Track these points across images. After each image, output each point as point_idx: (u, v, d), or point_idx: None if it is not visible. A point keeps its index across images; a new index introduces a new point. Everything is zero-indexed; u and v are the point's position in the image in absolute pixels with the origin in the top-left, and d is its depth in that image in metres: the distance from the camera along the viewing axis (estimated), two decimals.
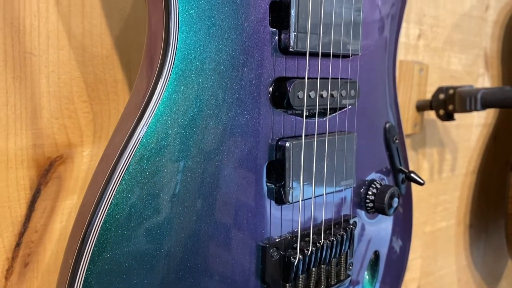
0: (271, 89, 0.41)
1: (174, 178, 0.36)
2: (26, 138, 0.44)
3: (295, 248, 0.43)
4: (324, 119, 0.45)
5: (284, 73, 0.41)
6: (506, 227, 0.99)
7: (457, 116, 0.81)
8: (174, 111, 0.35)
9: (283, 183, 0.42)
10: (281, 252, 0.43)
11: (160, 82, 0.35)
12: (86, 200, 0.35)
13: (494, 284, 1.16)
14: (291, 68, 0.42)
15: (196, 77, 0.36)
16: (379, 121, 0.54)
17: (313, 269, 0.45)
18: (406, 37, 0.80)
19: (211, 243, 0.38)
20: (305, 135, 0.43)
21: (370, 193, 0.52)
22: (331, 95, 0.45)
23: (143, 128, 0.34)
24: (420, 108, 0.81)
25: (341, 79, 0.46)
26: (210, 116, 0.37)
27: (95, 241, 0.33)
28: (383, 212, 0.52)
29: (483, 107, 0.75)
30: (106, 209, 0.33)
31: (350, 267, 0.50)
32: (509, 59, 1.03)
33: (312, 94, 0.43)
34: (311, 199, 0.44)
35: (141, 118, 0.34)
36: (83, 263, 0.32)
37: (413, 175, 0.57)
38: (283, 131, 0.42)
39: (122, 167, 0.33)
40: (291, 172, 0.41)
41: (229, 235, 0.39)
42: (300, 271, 0.43)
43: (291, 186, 0.42)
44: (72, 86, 0.46)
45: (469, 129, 0.99)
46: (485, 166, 1.04)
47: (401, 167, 0.56)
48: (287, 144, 0.41)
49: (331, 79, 0.45)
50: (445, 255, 0.99)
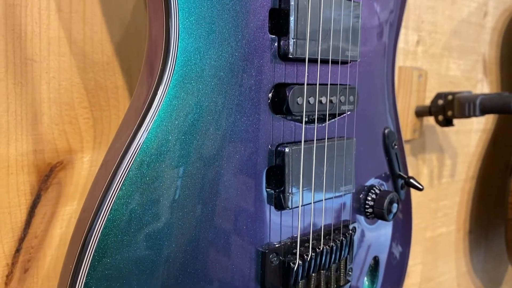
0: (270, 95, 0.41)
1: (174, 183, 0.36)
2: (26, 143, 0.44)
3: (295, 253, 0.43)
4: (323, 124, 0.45)
5: (283, 79, 0.42)
6: (506, 233, 0.98)
7: (456, 121, 0.82)
8: (174, 117, 0.35)
9: (282, 189, 0.42)
10: (281, 257, 0.43)
11: (160, 88, 0.35)
12: (86, 205, 0.36)
13: None
14: (290, 74, 0.42)
15: (196, 83, 0.36)
16: (378, 127, 0.54)
17: (313, 274, 0.45)
18: (405, 43, 0.80)
19: (210, 249, 0.38)
20: (305, 141, 0.43)
21: (369, 198, 0.52)
22: (330, 101, 0.45)
23: (143, 134, 0.34)
24: (419, 114, 0.81)
25: (340, 85, 0.46)
26: (210, 122, 0.37)
27: (95, 246, 0.33)
28: (382, 217, 0.52)
29: (482, 113, 0.75)
30: (106, 215, 0.33)
31: (349, 273, 0.50)
32: (508, 65, 1.04)
33: (311, 100, 0.43)
34: (310, 204, 0.45)
35: (141, 124, 0.34)
36: (83, 269, 0.33)
37: (412, 180, 0.57)
38: (282, 137, 0.42)
39: (122, 173, 0.33)
40: (291, 177, 0.42)
41: (229, 240, 0.40)
42: (299, 277, 0.43)
43: (290, 191, 0.42)
44: (72, 92, 0.46)
45: (469, 135, 0.99)
46: (484, 171, 1.04)
47: (400, 173, 0.56)
48: (287, 149, 0.41)
49: (330, 85, 0.45)
50: (445, 261, 0.99)
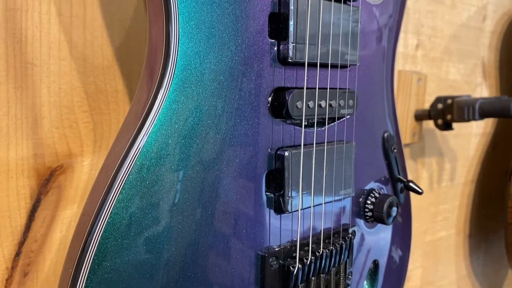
0: (270, 99, 0.41)
1: (174, 187, 0.36)
2: (27, 147, 0.44)
3: (295, 257, 0.43)
4: (322, 128, 0.46)
5: (283, 83, 0.42)
6: (506, 237, 0.98)
7: (456, 125, 0.82)
8: (174, 121, 0.35)
9: (282, 192, 0.42)
10: (281, 261, 0.43)
11: (160, 92, 0.35)
12: (86, 209, 0.36)
13: None
14: (290, 78, 0.42)
15: (196, 87, 0.36)
16: (377, 131, 0.54)
17: (312, 278, 0.45)
18: (404, 47, 0.80)
19: (210, 252, 0.38)
20: (304, 145, 0.43)
21: (369, 202, 0.52)
22: (330, 105, 0.45)
23: (143, 137, 0.34)
24: (418, 117, 0.81)
25: (340, 89, 0.46)
26: (209, 125, 0.37)
27: (95, 250, 0.33)
28: (382, 221, 0.52)
29: (481, 116, 0.75)
30: (106, 218, 0.33)
31: (349, 276, 0.50)
32: (507, 68, 1.04)
33: (310, 104, 0.43)
34: (310, 208, 0.45)
35: (141, 128, 0.35)
36: (83, 272, 0.33)
37: (411, 184, 0.57)
38: (282, 141, 0.42)
39: (122, 177, 0.34)
40: (290, 181, 0.42)
41: (229, 244, 0.40)
42: (299, 280, 0.43)
43: (290, 195, 0.42)
44: (73, 96, 0.46)
45: (468, 139, 0.99)
46: (484, 175, 1.04)
47: (400, 176, 0.56)
48: (286, 153, 0.41)
49: (330, 89, 0.45)
50: (445, 265, 0.99)
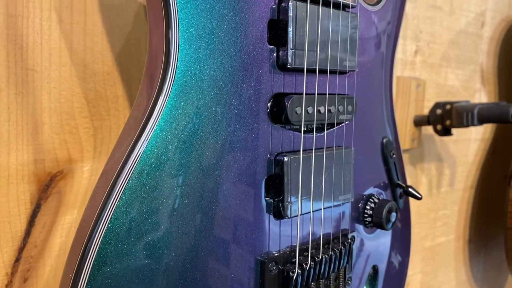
0: (269, 104, 0.41)
1: (173, 192, 0.36)
2: (27, 153, 0.44)
3: (294, 262, 0.44)
4: (322, 134, 0.46)
5: (282, 89, 0.42)
6: (505, 242, 0.98)
7: (455, 131, 0.82)
8: (174, 126, 0.36)
9: (281, 198, 0.42)
10: (280, 266, 0.43)
11: (160, 98, 0.35)
12: (86, 214, 0.36)
13: None
14: (289, 84, 0.42)
15: (196, 93, 0.37)
16: (376, 136, 0.54)
17: (312, 283, 0.45)
18: (403, 53, 0.81)
19: (210, 258, 0.38)
20: (303, 150, 0.43)
21: (368, 207, 0.52)
22: (329, 111, 0.45)
23: (143, 143, 0.34)
24: (417, 123, 0.81)
25: (339, 94, 0.47)
26: (209, 131, 0.38)
27: (95, 255, 0.33)
28: (381, 226, 0.52)
29: (480, 122, 0.75)
30: (106, 224, 0.33)
31: (348, 282, 0.50)
32: (505, 74, 1.05)
33: (310, 109, 0.43)
34: (309, 213, 0.45)
35: (141, 133, 0.35)
36: (83, 277, 0.33)
37: (410, 189, 0.57)
38: (281, 146, 0.42)
39: (122, 182, 0.34)
40: (290, 186, 0.42)
41: (228, 249, 0.40)
42: (298, 286, 0.43)
43: (289, 200, 0.42)
44: (73, 102, 0.46)
45: (467, 144, 1.00)
46: (483, 180, 1.05)
47: (399, 182, 0.57)
48: (286, 159, 0.41)
49: (329, 94, 0.45)
50: (445, 270, 0.99)
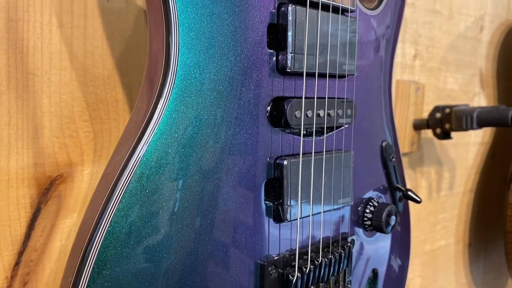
0: (269, 108, 0.41)
1: (173, 196, 0.36)
2: (27, 157, 0.44)
3: (294, 266, 0.44)
4: (321, 137, 0.46)
5: (281, 93, 0.42)
6: (505, 246, 0.98)
7: (455, 134, 0.82)
8: (174, 130, 0.36)
9: (281, 201, 0.42)
10: (280, 270, 0.43)
11: (160, 101, 0.35)
12: (86, 218, 0.36)
13: None
14: (288, 88, 0.43)
15: (195, 97, 0.37)
16: (375, 140, 0.54)
17: (312, 287, 0.45)
18: (402, 57, 0.81)
19: (209, 261, 0.39)
20: (303, 154, 0.44)
21: (367, 211, 0.52)
22: (328, 114, 0.45)
23: (143, 146, 0.35)
24: (417, 127, 0.82)
25: (338, 98, 0.47)
26: (209, 135, 0.38)
27: (95, 259, 0.33)
28: (380, 230, 0.52)
29: (479, 125, 0.75)
30: (106, 227, 0.33)
31: (348, 285, 0.50)
32: (504, 78, 1.05)
33: (309, 113, 0.43)
34: (309, 217, 0.45)
35: (141, 137, 0.35)
36: (83, 281, 0.33)
37: (410, 193, 0.57)
38: (281, 150, 0.43)
39: (122, 185, 0.34)
40: (289, 190, 0.42)
41: (228, 253, 0.40)
42: None
43: (289, 204, 0.42)
44: (73, 105, 0.47)
45: (467, 148, 1.00)
46: (483, 184, 1.05)
47: (398, 185, 0.57)
48: (285, 162, 0.41)
49: (328, 98, 0.45)
50: (444, 274, 0.99)
